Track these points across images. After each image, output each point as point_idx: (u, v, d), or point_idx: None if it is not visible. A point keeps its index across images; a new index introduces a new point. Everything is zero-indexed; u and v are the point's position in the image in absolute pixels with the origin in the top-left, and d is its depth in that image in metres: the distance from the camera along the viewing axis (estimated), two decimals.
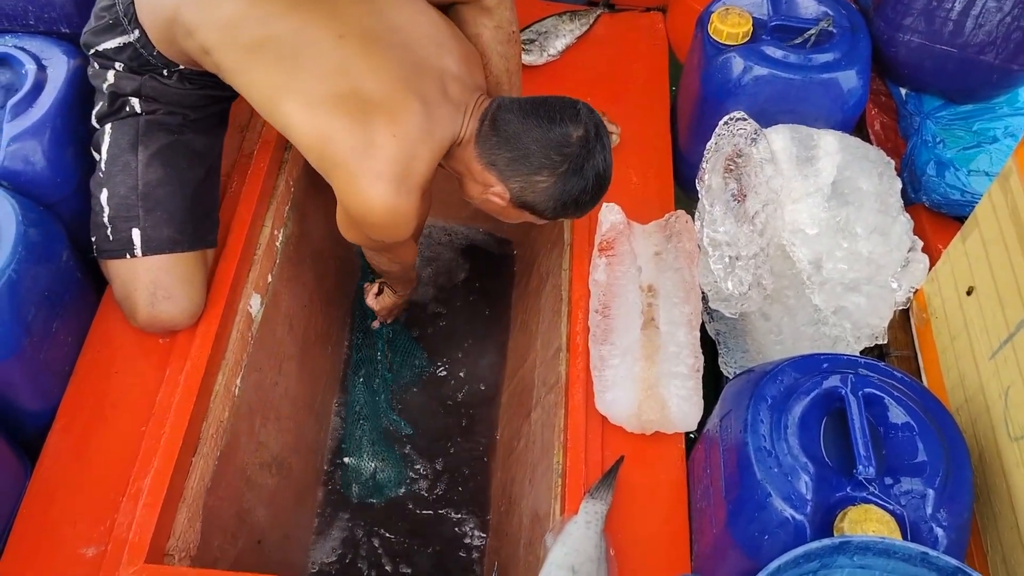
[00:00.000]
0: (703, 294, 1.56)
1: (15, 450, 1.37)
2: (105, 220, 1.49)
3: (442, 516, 1.80)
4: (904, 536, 1.11)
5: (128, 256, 1.48)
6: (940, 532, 1.12)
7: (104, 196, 1.49)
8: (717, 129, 1.58)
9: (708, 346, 1.66)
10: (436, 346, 2.03)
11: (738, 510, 1.19)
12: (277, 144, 1.77)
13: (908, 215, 1.56)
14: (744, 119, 1.56)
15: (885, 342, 1.57)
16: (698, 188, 1.58)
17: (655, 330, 1.47)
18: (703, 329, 1.55)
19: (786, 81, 1.70)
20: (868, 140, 1.90)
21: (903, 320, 1.64)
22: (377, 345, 2.00)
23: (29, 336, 1.36)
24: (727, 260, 1.50)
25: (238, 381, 1.55)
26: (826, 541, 1.07)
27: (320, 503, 1.80)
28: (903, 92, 1.88)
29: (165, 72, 1.49)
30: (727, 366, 1.71)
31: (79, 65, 1.56)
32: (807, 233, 1.51)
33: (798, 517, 1.12)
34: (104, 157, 1.50)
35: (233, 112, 1.66)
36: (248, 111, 1.77)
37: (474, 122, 1.42)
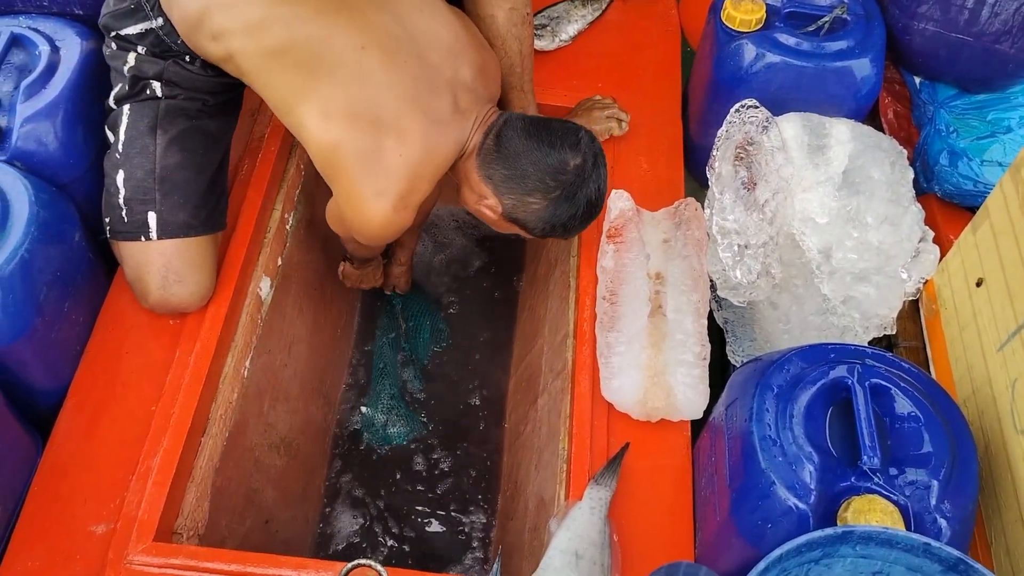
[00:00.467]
0: (711, 282, 1.55)
1: (27, 428, 1.39)
2: (120, 201, 1.49)
3: (448, 501, 1.81)
4: (908, 527, 1.10)
5: (143, 239, 1.49)
6: (944, 523, 1.11)
7: (120, 177, 1.49)
8: (728, 116, 1.57)
9: (716, 334, 1.66)
10: (446, 331, 2.05)
11: (742, 498, 1.20)
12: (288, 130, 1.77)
13: (920, 205, 1.54)
14: (756, 107, 1.55)
15: (894, 332, 1.56)
16: (708, 175, 1.57)
17: (662, 317, 1.47)
18: (711, 317, 1.54)
19: (799, 69, 1.69)
20: (881, 129, 1.89)
21: (912, 311, 1.64)
22: (394, 312, 2.06)
23: (41, 316, 1.37)
24: (736, 248, 1.50)
25: (247, 363, 1.57)
26: (829, 530, 1.07)
27: (327, 483, 1.82)
28: (917, 81, 1.86)
29: (187, 58, 1.49)
30: (735, 354, 1.71)
31: (92, 47, 1.56)
32: (817, 222, 1.50)
33: (802, 506, 1.12)
34: (121, 138, 1.50)
35: (244, 96, 1.66)
36: (259, 96, 1.77)
37: (479, 135, 1.46)
